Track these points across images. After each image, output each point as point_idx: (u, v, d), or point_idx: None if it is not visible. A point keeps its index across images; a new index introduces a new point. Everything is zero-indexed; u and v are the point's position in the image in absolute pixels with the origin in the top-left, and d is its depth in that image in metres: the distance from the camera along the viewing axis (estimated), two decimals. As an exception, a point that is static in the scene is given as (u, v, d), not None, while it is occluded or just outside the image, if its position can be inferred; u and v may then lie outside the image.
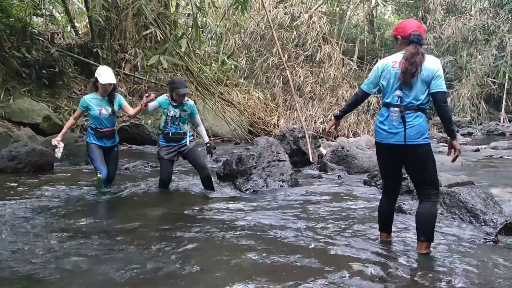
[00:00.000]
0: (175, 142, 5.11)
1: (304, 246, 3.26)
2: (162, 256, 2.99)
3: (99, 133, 5.01)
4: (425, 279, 2.68)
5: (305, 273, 2.73)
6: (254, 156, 5.76)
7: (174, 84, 5.01)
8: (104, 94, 5.01)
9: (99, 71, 5.00)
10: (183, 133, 5.13)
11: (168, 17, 11.72)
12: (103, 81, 4.89)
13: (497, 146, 11.10)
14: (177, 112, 5.05)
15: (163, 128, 5.11)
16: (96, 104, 4.98)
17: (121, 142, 10.05)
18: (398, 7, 21.12)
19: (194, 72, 11.90)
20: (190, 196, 5.14)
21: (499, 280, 2.69)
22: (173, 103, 5.04)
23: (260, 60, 14.19)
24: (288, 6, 14.28)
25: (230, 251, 3.12)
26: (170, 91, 5.04)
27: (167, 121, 5.05)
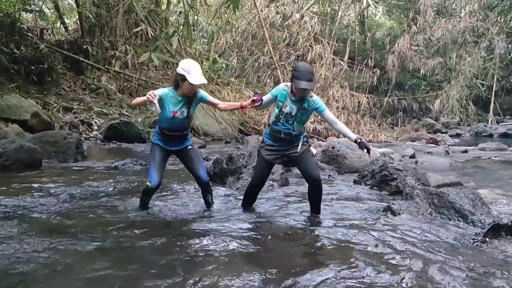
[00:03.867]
0: (282, 143, 4.07)
1: (293, 246, 3.26)
2: (150, 255, 2.98)
3: (166, 137, 4.08)
4: (412, 280, 2.70)
5: (293, 273, 2.73)
6: (244, 155, 5.75)
7: (296, 72, 3.86)
8: (189, 94, 3.98)
9: (187, 67, 3.87)
10: (295, 135, 4.04)
11: (159, 15, 11.68)
12: (194, 81, 3.81)
13: (485, 147, 11.21)
14: (294, 109, 3.96)
15: (272, 124, 4.09)
16: (173, 104, 3.96)
17: (110, 139, 10.05)
18: (389, 8, 21.21)
19: (185, 70, 11.86)
20: (179, 194, 5.11)
21: (487, 280, 2.71)
22: (292, 97, 3.97)
23: (251, 59, 14.20)
24: (279, 5, 14.29)
25: (219, 249, 3.11)
26: (291, 80, 3.92)
27: (279, 117, 4.01)
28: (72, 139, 7.35)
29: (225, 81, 13.85)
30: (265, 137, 4.18)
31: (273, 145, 4.08)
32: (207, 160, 7.49)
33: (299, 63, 4.18)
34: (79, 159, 7.20)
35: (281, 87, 4.07)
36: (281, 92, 4.02)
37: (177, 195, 5.05)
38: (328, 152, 7.50)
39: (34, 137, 7.48)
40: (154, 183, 3.98)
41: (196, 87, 3.93)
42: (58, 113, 10.64)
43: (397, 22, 21.96)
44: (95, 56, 12.97)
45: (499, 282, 2.68)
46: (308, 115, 4.16)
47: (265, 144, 4.13)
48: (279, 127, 4.01)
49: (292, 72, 3.92)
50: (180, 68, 3.88)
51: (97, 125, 10.81)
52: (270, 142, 4.10)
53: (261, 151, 4.13)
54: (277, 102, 4.03)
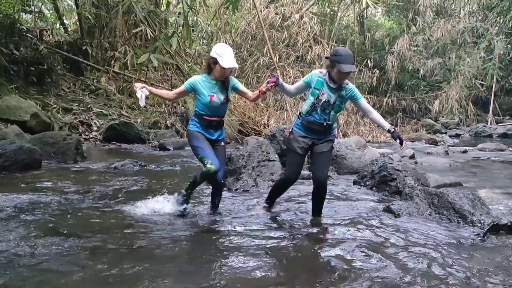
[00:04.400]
0: (315, 134, 3.90)
1: (292, 247, 3.26)
2: (147, 256, 2.97)
3: (205, 122, 3.95)
4: (414, 280, 2.70)
5: (291, 276, 2.73)
6: (244, 155, 5.75)
7: (337, 56, 3.67)
8: (221, 78, 3.93)
9: (219, 50, 3.85)
10: (329, 126, 3.91)
11: (158, 16, 11.68)
12: (225, 64, 3.77)
13: (484, 147, 11.22)
14: (332, 97, 3.78)
15: (305, 114, 3.87)
16: (208, 89, 3.92)
17: (110, 140, 10.05)
18: (388, 9, 21.23)
19: (185, 71, 11.87)
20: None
21: (486, 280, 2.71)
22: (330, 84, 3.78)
23: (251, 60, 14.20)
24: (279, 6, 14.30)
25: (217, 251, 3.12)
26: (330, 66, 3.74)
27: (315, 105, 3.80)
28: (71, 140, 7.34)
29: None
30: (295, 127, 3.96)
31: (306, 136, 3.89)
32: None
33: (338, 48, 4.02)
34: (78, 160, 7.19)
35: (315, 74, 3.86)
36: (316, 79, 3.81)
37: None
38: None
39: (33, 138, 7.48)
40: (216, 164, 3.76)
41: (227, 71, 3.85)
42: (57, 114, 10.63)
43: (396, 23, 21.98)
44: (95, 57, 12.96)
45: (498, 282, 2.68)
46: (345, 104, 3.97)
47: (297, 135, 3.90)
48: (314, 116, 3.81)
49: (332, 57, 3.69)
50: (213, 51, 3.86)
51: (96, 126, 10.81)
52: (302, 133, 3.90)
53: (292, 143, 3.91)
54: (311, 90, 3.81)
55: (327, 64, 3.76)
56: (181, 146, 9.71)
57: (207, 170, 3.76)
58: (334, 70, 3.68)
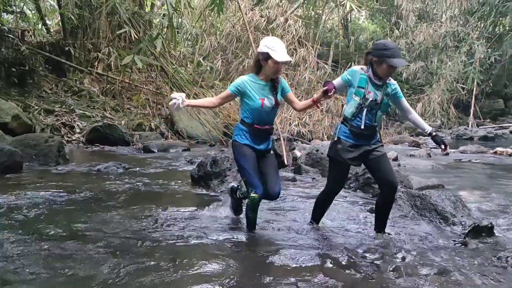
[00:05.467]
0: (365, 140, 3.50)
1: (274, 250, 3.27)
2: (131, 260, 2.95)
3: (256, 131, 3.49)
4: (394, 281, 2.72)
5: (273, 277, 2.73)
6: (229, 158, 5.75)
7: (387, 50, 3.34)
8: (274, 76, 3.47)
9: (270, 43, 3.37)
10: (376, 127, 3.55)
11: (143, 17, 11.61)
12: (280, 57, 3.31)
13: (466, 150, 11.39)
14: (378, 95, 3.42)
15: (351, 117, 3.46)
16: (258, 90, 3.43)
17: (93, 142, 9.94)
18: (372, 12, 21.46)
19: (169, 73, 11.82)
20: (163, 198, 5.08)
21: (467, 281, 2.75)
22: (376, 81, 3.42)
23: (236, 62, 14.18)
24: (264, 9, 14.33)
25: (201, 254, 3.11)
26: (377, 61, 3.36)
27: (361, 107, 3.41)
28: (53, 142, 7.24)
29: (210, 84, 13.82)
30: (342, 135, 3.49)
31: (356, 144, 3.47)
32: (192, 163, 7.47)
33: (384, 41, 3.66)
34: (60, 162, 7.09)
35: (356, 71, 3.46)
36: (358, 77, 3.42)
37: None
38: (312, 155, 7.54)
39: (14, 140, 7.35)
40: (260, 191, 3.41)
41: (281, 67, 3.45)
42: (39, 115, 10.47)
43: (379, 27, 22.23)
44: (78, 58, 12.81)
45: (478, 283, 2.72)
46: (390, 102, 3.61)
47: (347, 145, 3.46)
48: (361, 119, 3.41)
49: (380, 51, 3.34)
50: (263, 46, 3.39)
51: (79, 128, 10.68)
52: (351, 141, 3.46)
53: (342, 154, 3.46)
54: (356, 90, 3.42)
55: (372, 60, 3.39)
56: (166, 149, 9.65)
57: (251, 199, 3.45)
58: (382, 65, 3.33)
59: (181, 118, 11.87)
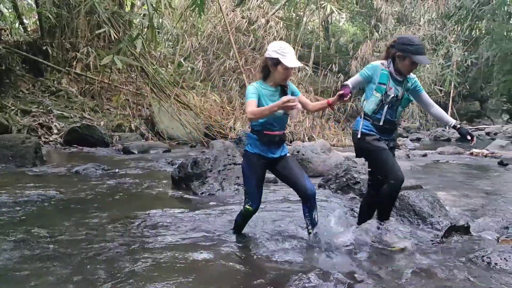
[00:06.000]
0: (387, 134, 3.46)
1: (254, 252, 3.27)
2: (111, 263, 2.91)
3: (267, 138, 3.34)
4: (371, 280, 2.75)
5: (251, 280, 2.73)
6: (210, 159, 5.73)
7: (412, 46, 3.26)
8: (283, 82, 3.33)
9: (280, 49, 3.22)
10: (396, 123, 3.52)
11: (122, 17, 11.49)
12: (291, 63, 3.19)
13: (443, 151, 11.58)
14: (399, 91, 3.37)
15: (372, 113, 3.41)
16: (268, 98, 3.28)
17: (71, 143, 9.78)
18: (352, 15, 21.69)
19: (150, 73, 11.72)
20: (143, 200, 5.03)
21: (445, 280, 2.80)
22: (397, 76, 3.35)
23: (217, 63, 14.17)
24: (245, 10, 14.35)
25: (181, 256, 3.08)
26: (400, 57, 3.28)
27: (382, 103, 3.36)
28: (30, 143, 7.11)
29: (191, 85, 13.76)
30: (365, 129, 3.40)
31: (381, 137, 3.40)
32: (172, 165, 7.42)
33: (408, 36, 3.51)
34: (37, 164, 6.97)
35: (377, 66, 3.35)
36: (379, 73, 3.33)
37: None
38: (293, 156, 7.56)
39: (-10, 141, 7.19)
40: (256, 205, 3.38)
41: (291, 72, 3.31)
42: (15, 116, 10.26)
43: (360, 29, 22.47)
44: (55, 57, 12.60)
45: (455, 281, 2.77)
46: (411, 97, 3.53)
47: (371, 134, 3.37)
48: (381, 115, 3.35)
49: (404, 46, 3.24)
50: (272, 51, 3.25)
51: (57, 129, 10.50)
52: (375, 134, 3.38)
53: (373, 143, 3.35)
54: (377, 86, 3.34)
55: (395, 54, 3.29)
56: (146, 150, 9.57)
57: (245, 210, 3.42)
58: (405, 61, 3.25)
59: (161, 119, 11.79)
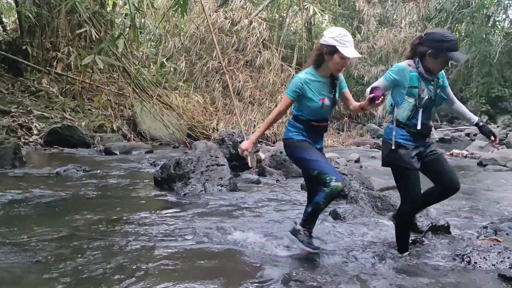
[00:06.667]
0: (423, 139, 3.15)
1: (239, 253, 3.26)
2: (93, 265, 2.87)
3: (313, 128, 3.15)
4: (351, 279, 2.77)
5: (235, 280, 2.73)
6: (192, 160, 5.70)
7: (446, 42, 2.93)
8: (336, 73, 3.11)
9: (339, 36, 2.97)
10: (431, 124, 3.22)
11: (104, 16, 11.35)
12: (348, 53, 2.95)
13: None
14: (432, 91, 3.06)
15: (406, 120, 3.07)
16: (317, 90, 3.06)
17: (51, 144, 9.63)
18: (335, 16, 21.82)
19: (132, 73, 11.61)
20: (125, 201, 4.98)
21: (426, 279, 2.84)
22: (428, 76, 3.03)
23: (200, 64, 14.12)
24: (228, 11, 14.33)
25: (164, 257, 3.06)
26: (433, 54, 2.96)
27: (416, 108, 3.03)
28: (9, 144, 6.96)
29: (173, 85, 13.69)
30: (400, 140, 3.08)
31: (416, 145, 3.09)
32: (155, 165, 7.37)
33: (440, 31, 3.10)
34: (17, 165, 6.83)
35: (404, 68, 3.04)
36: (408, 75, 3.01)
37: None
38: (276, 157, 7.59)
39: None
40: (340, 178, 2.97)
41: (347, 63, 3.09)
42: (-6, 117, 10.06)
43: (342, 31, 22.60)
44: (35, 57, 12.38)
45: (436, 280, 2.81)
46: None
47: (406, 147, 3.06)
48: (417, 120, 3.03)
49: (438, 43, 2.92)
50: (330, 37, 2.96)
51: (37, 129, 10.31)
52: (410, 143, 3.07)
53: (406, 159, 3.06)
54: (408, 90, 3.02)
55: (425, 52, 2.97)
56: (128, 150, 9.48)
57: (333, 189, 2.92)
58: (438, 59, 2.96)
59: (144, 120, 11.69)
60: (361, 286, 2.70)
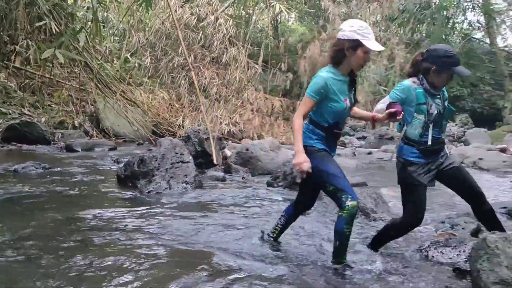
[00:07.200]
0: (436, 154, 3.12)
1: (201, 250, 3.24)
2: (52, 268, 2.78)
3: (333, 136, 3.01)
4: (312, 274, 2.80)
5: (196, 277, 2.71)
6: (157, 157, 5.62)
7: (450, 58, 2.99)
8: (358, 70, 2.96)
9: (360, 28, 2.81)
10: (443, 138, 3.19)
11: (65, 9, 11.00)
12: (374, 46, 2.82)
13: (387, 149, 12.03)
14: (440, 105, 3.07)
15: (418, 137, 3.05)
16: (340, 89, 2.87)
17: (9, 141, 9.26)
18: (301, 15, 22.00)
19: (94, 68, 11.32)
20: (87, 199, 4.86)
21: (382, 274, 2.90)
22: (433, 91, 3.04)
23: (166, 60, 13.92)
24: (194, 6, 14.19)
25: (127, 256, 3.00)
26: (438, 70, 2.99)
27: (427, 124, 3.02)
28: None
29: (138, 81, 13.44)
30: (410, 157, 3.08)
31: (427, 162, 3.09)
32: (118, 163, 7.22)
33: (442, 47, 3.12)
34: (-29, 163, 6.54)
35: (409, 86, 3.04)
36: (414, 93, 3.02)
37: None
38: (242, 154, 7.59)
39: None
40: (356, 198, 2.82)
41: (370, 58, 2.93)
42: None
43: (308, 29, 22.84)
44: (-8, 50, 11.88)
45: (399, 273, 2.88)
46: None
47: (417, 166, 3.06)
48: (427, 136, 3.05)
49: (442, 59, 2.96)
50: (351, 31, 2.78)
51: (-7, 126, 9.91)
52: (422, 160, 3.07)
53: (416, 177, 3.05)
54: (417, 107, 3.02)
55: (429, 69, 3.01)
56: (91, 147, 9.25)
57: (350, 210, 2.75)
58: (442, 75, 3.01)
59: (107, 116, 11.42)
60: (320, 274, 2.73)
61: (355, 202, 2.75)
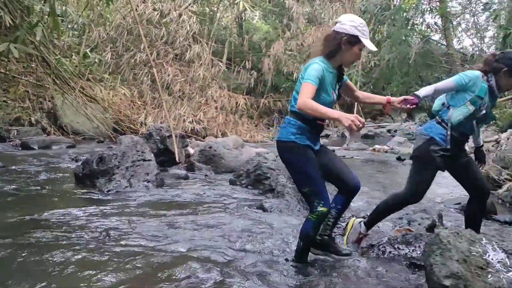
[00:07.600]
0: (459, 147, 3.23)
1: (163, 249, 3.20)
2: (7, 268, 2.68)
3: (318, 128, 2.90)
4: (279, 275, 2.83)
5: (155, 277, 2.68)
6: (117, 155, 5.50)
7: None
8: (348, 66, 2.97)
9: (361, 25, 2.75)
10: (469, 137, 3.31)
11: (21, 2, 10.59)
12: (372, 46, 2.78)
13: (349, 147, 12.25)
14: (489, 107, 3.13)
15: (458, 124, 3.11)
16: (331, 82, 2.80)
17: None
18: (265, 13, 22.03)
19: (52, 64, 10.96)
20: (43, 199, 4.70)
21: (336, 270, 2.95)
22: (495, 93, 3.14)
23: (127, 56, 13.64)
24: (157, 2, 13.97)
25: (86, 258, 2.92)
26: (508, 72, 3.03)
27: (471, 117, 3.11)
28: None
29: (98, 77, 13.11)
30: (439, 138, 3.13)
31: (449, 149, 3.12)
32: (77, 161, 7.02)
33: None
34: None
35: (478, 77, 3.06)
36: (480, 84, 3.04)
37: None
38: (205, 152, 7.53)
39: None
40: (328, 204, 2.82)
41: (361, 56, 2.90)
42: None
43: (272, 27, 22.93)
44: None
45: (347, 270, 2.93)
46: None
47: (441, 148, 3.11)
48: (465, 129, 3.13)
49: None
50: (351, 26, 2.72)
51: None
52: (445, 144, 3.12)
53: (434, 156, 3.10)
54: (472, 98, 3.05)
55: (500, 69, 3.04)
56: (48, 145, 8.95)
57: (319, 216, 2.80)
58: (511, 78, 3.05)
59: (65, 113, 11.08)
60: (273, 271, 2.75)
61: (325, 209, 2.77)
